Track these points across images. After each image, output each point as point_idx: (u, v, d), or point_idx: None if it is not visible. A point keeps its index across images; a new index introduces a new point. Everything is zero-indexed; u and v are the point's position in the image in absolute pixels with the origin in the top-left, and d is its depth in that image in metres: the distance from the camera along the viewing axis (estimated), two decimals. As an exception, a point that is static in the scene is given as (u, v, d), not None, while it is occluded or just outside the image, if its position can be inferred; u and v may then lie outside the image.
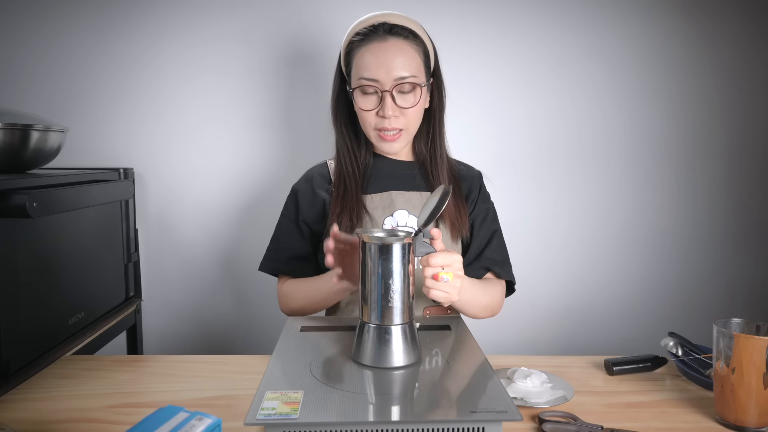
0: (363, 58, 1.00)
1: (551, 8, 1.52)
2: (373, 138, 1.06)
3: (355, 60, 1.02)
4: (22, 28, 1.47)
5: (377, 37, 1.00)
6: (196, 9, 1.48)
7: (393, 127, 1.02)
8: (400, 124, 1.02)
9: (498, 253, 1.11)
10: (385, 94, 0.99)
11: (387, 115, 1.00)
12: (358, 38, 1.02)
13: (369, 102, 1.02)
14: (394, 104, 1.00)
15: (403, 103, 1.01)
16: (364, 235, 0.77)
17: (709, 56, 1.54)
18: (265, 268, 1.12)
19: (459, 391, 0.68)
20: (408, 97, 1.01)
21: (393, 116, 1.01)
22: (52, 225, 1.03)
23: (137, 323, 1.45)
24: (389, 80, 0.99)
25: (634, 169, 1.58)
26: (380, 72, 0.98)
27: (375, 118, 1.02)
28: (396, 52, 0.99)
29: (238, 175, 1.54)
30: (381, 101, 1.00)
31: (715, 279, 1.61)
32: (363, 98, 1.02)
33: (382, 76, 0.99)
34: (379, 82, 0.99)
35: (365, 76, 1.00)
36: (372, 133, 1.05)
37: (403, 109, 1.01)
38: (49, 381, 0.91)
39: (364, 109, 1.02)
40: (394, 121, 1.02)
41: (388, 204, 1.06)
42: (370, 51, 1.00)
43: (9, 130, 0.98)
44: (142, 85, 1.50)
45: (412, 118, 1.04)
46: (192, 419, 0.53)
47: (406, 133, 1.05)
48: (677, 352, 0.93)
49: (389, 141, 1.04)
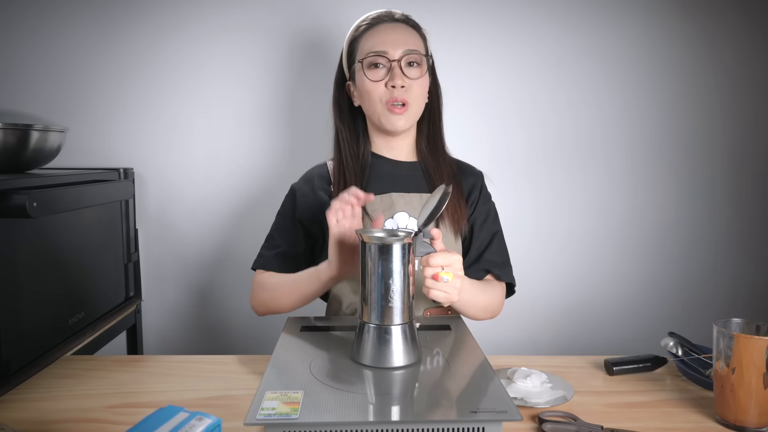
0: (371, 37, 1.05)
1: (550, 8, 1.52)
2: (381, 113, 1.05)
3: (362, 41, 1.06)
4: (22, 28, 1.47)
5: (385, 20, 1.07)
6: (196, 9, 1.48)
7: (402, 98, 1.03)
8: (407, 97, 1.04)
9: (498, 255, 1.11)
10: (393, 63, 1.03)
11: (396, 84, 1.02)
12: (365, 25, 1.07)
13: (378, 74, 1.04)
14: (402, 74, 1.03)
15: (411, 74, 1.04)
16: (364, 235, 0.77)
17: (709, 56, 1.54)
18: (256, 265, 1.10)
19: (459, 391, 0.68)
20: (414, 69, 1.05)
21: (401, 86, 1.03)
22: (52, 225, 1.03)
23: (137, 323, 1.45)
24: (397, 52, 1.03)
25: (634, 169, 1.58)
26: (388, 45, 1.03)
27: (383, 90, 1.04)
28: (403, 31, 1.06)
29: (238, 175, 1.54)
30: (389, 72, 1.03)
31: (715, 279, 1.61)
32: (372, 71, 1.04)
33: (390, 49, 1.03)
34: (388, 53, 1.03)
35: (374, 50, 1.03)
36: (379, 108, 1.05)
37: (411, 81, 1.04)
38: (49, 381, 0.91)
39: (373, 79, 1.04)
40: (402, 93, 1.03)
41: (388, 206, 1.06)
42: (378, 31, 1.05)
43: (9, 130, 0.98)
44: (142, 85, 1.50)
45: (417, 95, 1.06)
46: (192, 419, 0.53)
47: (411, 110, 1.06)
48: (677, 352, 0.93)
49: (397, 113, 1.04)
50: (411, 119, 1.07)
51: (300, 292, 1.00)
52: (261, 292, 1.06)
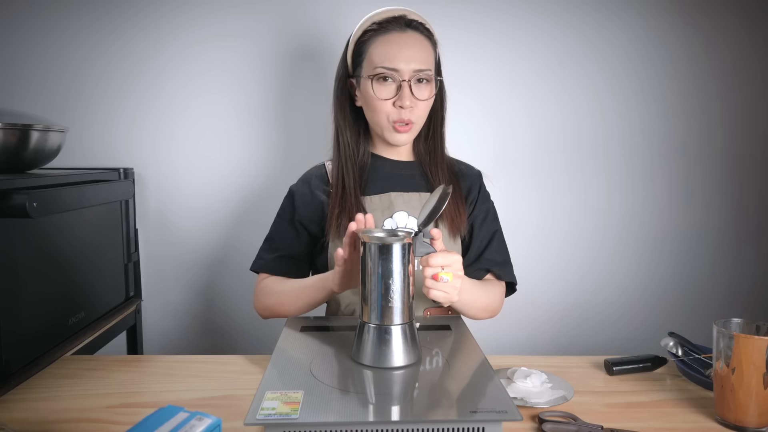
0: (381, 47, 1.01)
1: (551, 8, 1.52)
2: (385, 129, 1.05)
3: (372, 49, 1.02)
4: (22, 28, 1.47)
5: (397, 28, 1.02)
6: (196, 9, 1.48)
7: (408, 118, 1.02)
8: (413, 117, 1.03)
9: (498, 254, 1.11)
10: (403, 83, 1.00)
11: (405, 105, 1.00)
12: (375, 27, 1.02)
13: (387, 91, 1.02)
14: (411, 95, 1.01)
15: (420, 95, 1.02)
16: (364, 235, 0.77)
17: (709, 56, 1.54)
18: (256, 266, 1.10)
19: (459, 391, 0.68)
20: (424, 89, 1.03)
21: (409, 107, 1.01)
22: (52, 225, 1.03)
23: (137, 323, 1.45)
24: (408, 71, 1.00)
25: (635, 169, 1.58)
26: (400, 62, 1.00)
27: (390, 108, 1.02)
28: (415, 44, 1.01)
29: (238, 175, 1.54)
30: (398, 91, 1.01)
31: (715, 279, 1.61)
32: (381, 87, 1.02)
33: (402, 66, 1.00)
34: (398, 72, 1.00)
35: (385, 65, 1.00)
36: (384, 124, 1.04)
37: (418, 101, 1.02)
38: (49, 381, 0.91)
39: (382, 98, 1.02)
40: (409, 113, 1.02)
41: (387, 206, 1.06)
42: (390, 41, 1.01)
43: (9, 130, 0.98)
44: (142, 85, 1.50)
45: (423, 113, 1.05)
46: (192, 419, 0.53)
47: (416, 126, 1.05)
48: (677, 352, 0.93)
49: (402, 132, 1.04)
50: (413, 134, 1.07)
51: (304, 300, 1.00)
52: (265, 298, 1.06)
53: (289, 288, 1.03)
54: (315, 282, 0.98)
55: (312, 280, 0.99)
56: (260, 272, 1.10)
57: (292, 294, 1.02)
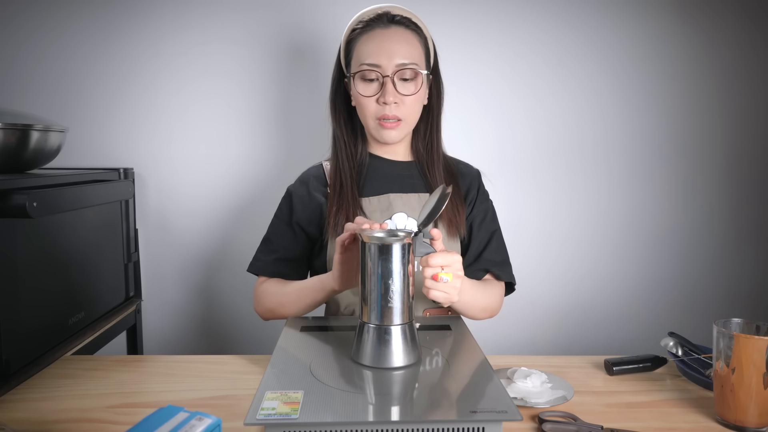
0: (365, 45, 1.01)
1: (551, 8, 1.52)
2: (372, 127, 1.05)
3: (357, 47, 1.02)
4: (22, 28, 1.47)
5: (380, 24, 1.02)
6: (195, 9, 1.48)
7: (393, 114, 1.01)
8: (400, 113, 1.02)
9: (497, 254, 1.11)
10: (386, 79, 0.99)
11: (388, 101, 0.99)
12: (361, 26, 1.03)
13: (370, 88, 1.01)
14: (395, 90, 1.00)
15: (404, 90, 1.01)
16: (364, 235, 0.77)
17: (709, 56, 1.54)
18: (254, 268, 1.10)
19: (459, 391, 0.68)
20: (409, 84, 1.02)
21: (393, 103, 1.00)
22: (52, 225, 1.03)
23: (137, 323, 1.45)
24: (391, 66, 0.99)
25: (634, 169, 1.58)
26: (382, 58, 0.99)
27: (375, 106, 1.02)
28: (398, 39, 1.00)
29: (238, 175, 1.54)
30: (382, 87, 1.00)
31: (715, 279, 1.61)
32: (364, 84, 1.01)
33: (384, 62, 0.99)
34: (380, 68, 0.99)
35: (367, 62, 1.00)
36: (371, 122, 1.04)
37: (404, 97, 1.01)
38: (49, 381, 0.91)
39: (365, 95, 1.01)
40: (395, 109, 1.01)
41: (386, 207, 1.06)
42: (372, 38, 1.01)
43: (9, 130, 0.98)
44: (142, 85, 1.50)
45: (411, 109, 1.03)
46: (192, 419, 0.53)
47: (405, 123, 1.04)
48: (677, 352, 0.93)
49: (388, 129, 1.03)
50: (404, 131, 1.06)
51: (305, 301, 1.00)
52: (265, 300, 1.06)
53: (289, 290, 1.03)
54: (315, 283, 0.98)
55: (312, 281, 0.99)
56: (259, 275, 1.10)
57: (292, 296, 1.02)
